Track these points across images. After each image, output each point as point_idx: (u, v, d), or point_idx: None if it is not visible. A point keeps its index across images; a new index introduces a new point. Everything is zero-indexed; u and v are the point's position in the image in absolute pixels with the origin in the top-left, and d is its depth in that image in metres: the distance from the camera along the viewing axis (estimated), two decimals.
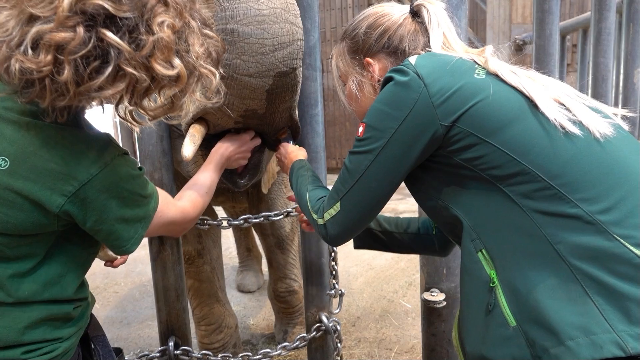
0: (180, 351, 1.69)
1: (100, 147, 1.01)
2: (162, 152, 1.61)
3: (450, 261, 1.84)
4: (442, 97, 1.01)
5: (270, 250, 2.57)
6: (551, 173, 0.95)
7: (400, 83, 1.04)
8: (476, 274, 1.02)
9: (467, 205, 1.04)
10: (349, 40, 1.26)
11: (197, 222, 1.69)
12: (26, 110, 0.96)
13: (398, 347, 2.82)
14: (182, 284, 1.71)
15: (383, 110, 1.06)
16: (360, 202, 1.11)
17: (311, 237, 1.78)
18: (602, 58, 2.36)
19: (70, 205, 0.98)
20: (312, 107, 1.66)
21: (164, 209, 1.17)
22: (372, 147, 1.07)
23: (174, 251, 1.68)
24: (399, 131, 1.04)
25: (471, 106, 1.00)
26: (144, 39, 0.86)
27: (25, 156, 0.95)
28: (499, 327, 0.96)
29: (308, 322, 1.83)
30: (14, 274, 1.00)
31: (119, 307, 3.64)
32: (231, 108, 1.40)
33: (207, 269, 2.32)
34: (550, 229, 0.93)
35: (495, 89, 1.01)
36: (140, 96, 0.93)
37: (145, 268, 4.15)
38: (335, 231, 1.15)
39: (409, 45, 1.19)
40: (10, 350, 1.00)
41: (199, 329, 2.38)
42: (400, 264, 4.11)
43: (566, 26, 3.69)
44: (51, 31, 0.83)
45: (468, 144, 1.00)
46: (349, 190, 1.11)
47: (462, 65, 1.06)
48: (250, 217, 1.71)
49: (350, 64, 1.26)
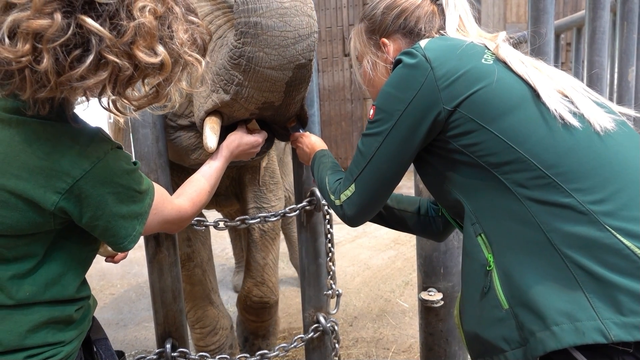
0: (178, 353, 1.68)
1: (91, 141, 0.98)
2: (158, 154, 1.60)
3: (447, 261, 1.85)
4: (447, 80, 1.03)
5: (252, 244, 2.42)
6: (547, 162, 0.96)
7: (408, 65, 1.07)
8: (475, 257, 1.06)
9: (467, 190, 1.07)
10: (367, 21, 1.29)
11: (193, 223, 1.68)
12: (8, 107, 0.93)
13: (395, 346, 2.82)
14: (179, 285, 1.70)
15: (391, 93, 1.09)
16: (373, 182, 1.15)
17: (308, 237, 1.77)
18: (596, 57, 2.37)
19: (65, 202, 0.95)
20: (309, 108, 1.66)
21: (159, 205, 1.14)
22: (381, 128, 1.11)
23: (170, 253, 1.67)
24: (406, 113, 1.07)
25: (474, 92, 1.02)
26: (125, 24, 0.84)
27: (15, 154, 0.92)
28: (492, 309, 1.00)
29: (305, 322, 1.83)
30: (13, 275, 0.98)
31: (115, 308, 3.63)
32: (249, 101, 1.40)
33: (199, 272, 2.30)
34: (543, 217, 0.95)
35: (499, 76, 1.03)
36: (123, 85, 0.91)
37: (142, 269, 4.14)
38: (352, 212, 1.20)
39: (425, 27, 1.21)
40: (12, 355, 0.98)
41: (194, 332, 2.37)
42: (397, 264, 4.11)
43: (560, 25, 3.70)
44: (28, 19, 0.79)
45: (467, 130, 1.02)
46: (362, 172, 1.15)
47: (472, 50, 1.07)
48: (247, 218, 1.71)
49: (367, 43, 1.29)
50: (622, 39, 2.76)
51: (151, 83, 0.94)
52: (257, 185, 2.32)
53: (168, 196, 1.22)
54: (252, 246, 2.38)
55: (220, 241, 4.85)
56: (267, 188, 2.36)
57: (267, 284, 2.38)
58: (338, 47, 7.88)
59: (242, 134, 1.52)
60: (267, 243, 2.40)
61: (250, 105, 1.42)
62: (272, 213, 1.73)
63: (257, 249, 2.38)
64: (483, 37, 1.16)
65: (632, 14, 2.71)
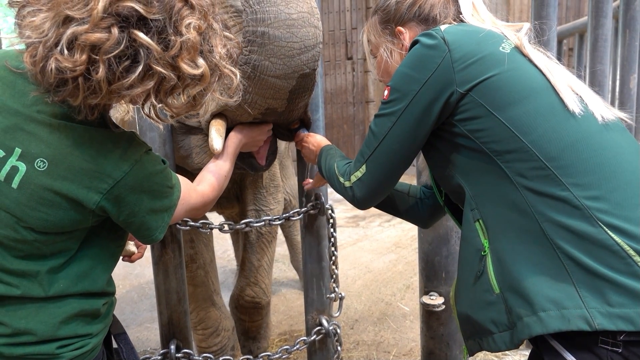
0: (182, 354, 1.70)
1: (129, 145, 1.06)
2: (165, 156, 1.62)
3: (449, 265, 1.86)
4: (463, 63, 1.04)
5: (248, 245, 2.43)
6: (549, 155, 0.98)
7: (426, 45, 1.08)
8: (471, 242, 1.09)
9: (469, 175, 1.09)
10: (380, 12, 1.30)
11: (199, 225, 1.70)
12: (58, 113, 1.00)
13: (396, 349, 2.83)
14: (184, 287, 1.72)
15: (407, 73, 1.09)
16: (384, 163, 1.15)
17: (312, 241, 1.79)
18: (598, 65, 2.39)
19: (105, 201, 1.03)
20: (314, 113, 1.68)
21: (186, 196, 1.22)
22: (395, 108, 1.11)
23: (175, 255, 1.69)
24: (420, 93, 1.07)
25: (487, 77, 1.03)
26: (173, 39, 0.91)
27: (62, 157, 0.99)
28: (484, 293, 1.04)
29: (308, 325, 1.85)
30: (50, 270, 1.04)
31: (117, 309, 3.63)
32: (253, 106, 1.43)
33: (201, 273, 2.32)
34: (539, 208, 0.98)
35: (515, 65, 1.05)
36: (166, 94, 0.98)
37: (144, 270, 4.15)
38: (362, 193, 1.20)
39: (440, 13, 1.22)
40: (46, 345, 1.05)
41: (196, 333, 2.39)
42: (398, 267, 4.13)
43: (562, 31, 3.72)
44: (86, 32, 0.86)
45: (475, 115, 1.04)
46: (373, 152, 1.16)
47: (490, 36, 1.09)
48: (252, 221, 1.72)
49: (382, 33, 1.30)
50: (624, 46, 2.78)
51: (191, 93, 1.01)
52: (257, 188, 2.34)
53: (192, 185, 1.31)
54: (248, 247, 2.42)
55: (221, 243, 4.86)
56: (267, 191, 2.39)
57: (260, 285, 2.43)
58: (341, 51, 7.91)
59: (246, 127, 1.57)
60: (263, 245, 2.45)
61: (254, 110, 1.45)
62: (276, 216, 1.75)
63: (253, 251, 2.42)
64: (497, 24, 1.18)
65: (634, 22, 2.73)
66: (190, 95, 1.02)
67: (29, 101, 0.99)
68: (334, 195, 3.22)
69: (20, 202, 0.99)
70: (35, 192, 0.99)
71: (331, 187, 1.37)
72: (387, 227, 5.30)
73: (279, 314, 3.42)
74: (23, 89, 1.00)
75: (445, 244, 1.81)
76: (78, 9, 0.87)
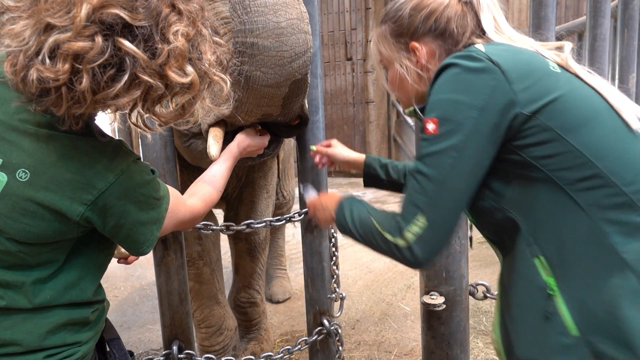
0: (184, 355, 1.71)
1: (115, 155, 1.02)
2: (166, 159, 1.64)
3: (449, 265, 1.87)
4: (522, 83, 0.95)
5: (240, 256, 2.57)
6: (625, 179, 0.91)
7: (472, 69, 0.97)
8: (531, 280, 0.99)
9: (528, 208, 0.98)
10: (391, 23, 1.18)
11: (200, 227, 1.71)
12: (42, 122, 0.97)
13: (397, 349, 2.84)
14: (186, 288, 1.73)
15: (456, 100, 0.96)
16: (451, 208, 0.99)
17: (312, 241, 1.80)
18: (597, 64, 2.40)
19: (90, 212, 1.00)
20: (314, 114, 1.69)
21: (174, 209, 1.18)
22: (453, 142, 0.96)
23: (177, 256, 1.70)
24: (480, 119, 0.95)
25: (554, 98, 0.94)
26: (160, 47, 0.88)
27: (45, 167, 0.96)
28: (558, 335, 0.94)
29: (309, 325, 1.86)
30: (35, 280, 1.02)
31: (118, 311, 3.65)
32: (248, 114, 1.45)
33: (207, 271, 2.34)
34: (617, 238, 0.90)
35: (572, 86, 0.98)
36: (153, 103, 0.95)
37: (145, 272, 4.16)
38: (425, 251, 1.00)
39: (457, 28, 1.12)
40: (32, 355, 1.03)
41: (199, 332, 2.40)
42: (399, 267, 4.13)
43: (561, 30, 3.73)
44: (69, 40, 0.83)
45: (543, 140, 0.94)
46: (434, 198, 0.98)
47: (535, 56, 1.02)
48: (253, 223, 1.73)
49: (395, 48, 1.19)
50: (623, 45, 2.79)
51: (179, 101, 0.98)
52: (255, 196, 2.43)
53: (182, 198, 1.27)
54: (243, 255, 2.55)
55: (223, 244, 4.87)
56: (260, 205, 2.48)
57: (254, 287, 2.62)
58: (340, 51, 7.92)
59: (251, 134, 1.57)
60: (257, 253, 2.57)
61: (250, 117, 1.47)
62: (277, 217, 1.76)
63: (245, 260, 2.57)
64: (532, 44, 1.09)
65: (632, 21, 2.74)
66: (179, 104, 0.99)
67: (10, 110, 0.96)
68: None
69: (1, 213, 0.96)
70: (16, 203, 0.96)
71: (368, 247, 1.12)
72: None
73: (280, 314, 3.43)
74: (4, 97, 0.97)
75: (446, 245, 1.81)
76: (60, 16, 0.84)
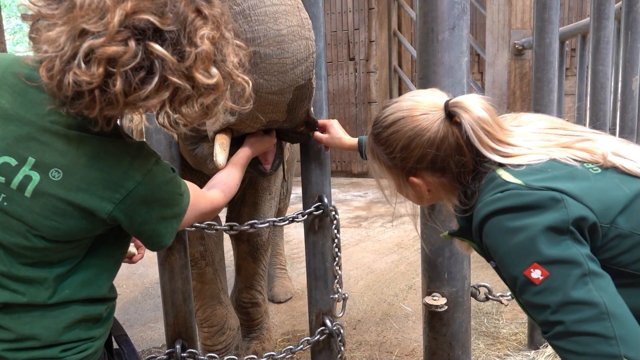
0: (187, 354, 1.72)
1: (140, 156, 1.08)
2: (171, 159, 1.65)
3: (451, 266, 1.87)
4: (589, 200, 0.94)
5: (242, 257, 2.59)
6: None
7: (532, 207, 0.95)
8: None
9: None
10: (385, 155, 1.17)
11: (204, 227, 1.72)
12: (72, 124, 1.01)
13: (399, 350, 2.85)
14: (189, 287, 1.74)
15: (548, 240, 0.94)
16: (630, 327, 0.92)
17: (315, 241, 1.81)
18: (600, 66, 2.40)
19: (117, 211, 1.05)
20: (318, 115, 1.70)
21: (195, 202, 1.23)
22: (576, 277, 0.93)
23: (181, 255, 1.71)
24: (581, 249, 0.94)
25: (628, 203, 0.95)
26: (187, 50, 0.92)
27: (78, 168, 1.01)
28: None
29: (312, 325, 1.87)
30: (57, 276, 1.06)
31: (121, 309, 3.66)
32: (255, 121, 1.46)
33: (210, 271, 2.34)
34: None
35: (634, 184, 0.99)
36: (180, 104, 0.99)
37: (147, 270, 4.18)
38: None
39: (456, 163, 1.11)
40: (50, 349, 1.08)
41: (202, 331, 2.41)
42: (400, 267, 4.14)
43: (565, 32, 3.72)
44: (103, 45, 0.87)
45: (630, 246, 0.95)
46: (614, 333, 0.90)
47: (564, 166, 1.01)
48: (257, 222, 1.74)
49: (392, 175, 1.20)
50: (627, 47, 2.79)
51: (204, 102, 1.02)
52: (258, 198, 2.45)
53: (201, 191, 1.32)
54: (245, 256, 2.57)
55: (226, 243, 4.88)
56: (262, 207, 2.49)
57: (256, 288, 2.64)
58: (343, 51, 7.92)
59: (260, 135, 1.63)
60: (259, 256, 2.59)
61: (256, 124, 1.48)
62: (281, 217, 1.77)
63: (247, 261, 2.58)
64: (544, 151, 1.05)
65: (636, 24, 2.74)
66: (204, 104, 1.03)
67: (42, 111, 1.00)
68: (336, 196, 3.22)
69: (33, 210, 1.00)
70: (48, 201, 1.00)
71: None
72: (389, 227, 5.32)
73: (281, 313, 3.43)
74: (35, 99, 1.01)
75: (448, 245, 1.82)
76: (94, 22, 0.88)
